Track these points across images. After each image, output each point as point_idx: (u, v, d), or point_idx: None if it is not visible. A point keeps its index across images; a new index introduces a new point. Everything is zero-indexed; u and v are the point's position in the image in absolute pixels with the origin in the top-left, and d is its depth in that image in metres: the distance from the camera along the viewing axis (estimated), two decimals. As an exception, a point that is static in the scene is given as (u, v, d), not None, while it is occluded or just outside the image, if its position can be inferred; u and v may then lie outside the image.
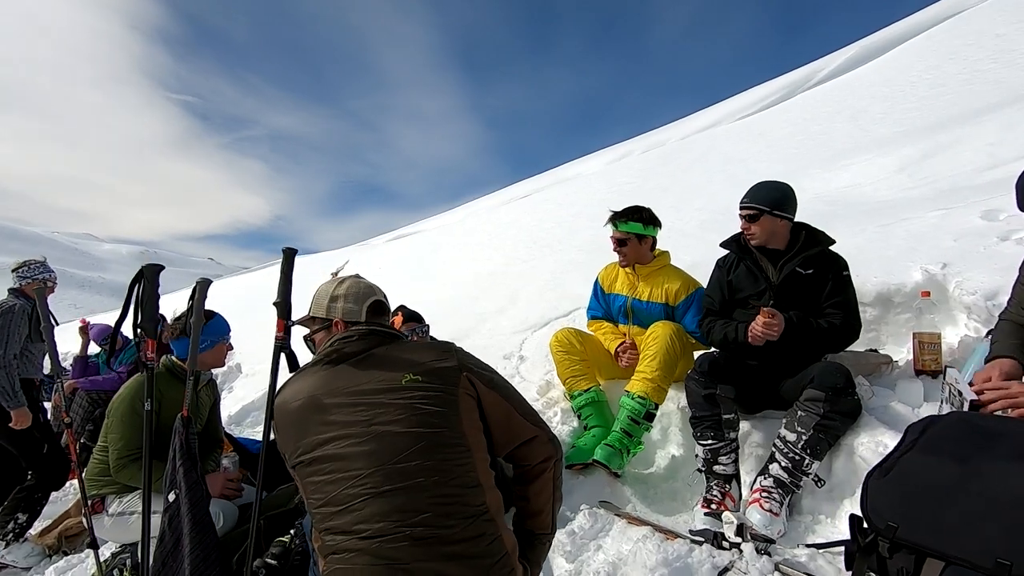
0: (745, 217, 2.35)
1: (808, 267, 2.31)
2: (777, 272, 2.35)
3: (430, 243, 13.01)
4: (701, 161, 9.76)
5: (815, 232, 2.43)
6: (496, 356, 4.36)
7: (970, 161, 4.97)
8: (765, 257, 2.40)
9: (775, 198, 2.34)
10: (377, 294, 1.56)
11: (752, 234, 2.35)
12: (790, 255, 2.34)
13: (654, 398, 2.51)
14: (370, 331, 1.42)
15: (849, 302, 2.30)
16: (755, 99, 15.02)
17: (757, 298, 2.37)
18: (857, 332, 2.30)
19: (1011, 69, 7.75)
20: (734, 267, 2.50)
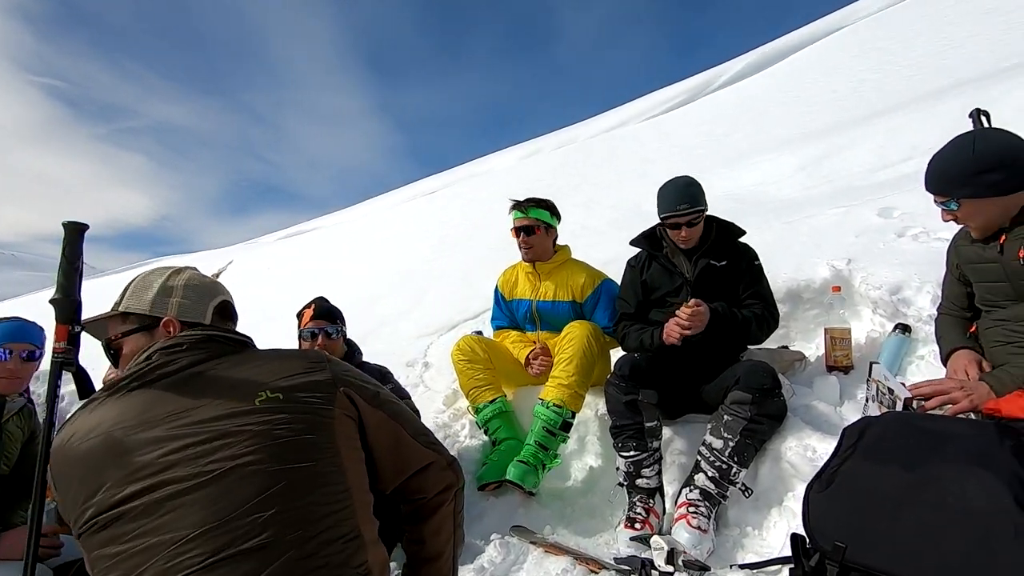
0: (687, 224, 2.26)
1: (721, 259, 2.32)
2: (692, 266, 2.33)
3: (328, 241, 12.30)
4: (611, 159, 10.01)
5: (725, 224, 2.45)
6: (398, 363, 4.05)
7: (863, 162, 5.40)
8: (678, 251, 2.38)
9: (703, 194, 2.34)
10: (224, 294, 1.25)
11: (690, 239, 2.30)
12: (703, 248, 2.34)
13: (571, 406, 2.36)
14: (207, 338, 1.10)
15: (765, 291, 2.35)
16: (660, 101, 15.79)
17: (675, 295, 2.34)
18: (777, 320, 2.34)
19: (892, 79, 8.66)
20: (647, 266, 2.47)
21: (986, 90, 6.04)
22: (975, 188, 1.56)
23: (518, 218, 2.85)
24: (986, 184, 1.54)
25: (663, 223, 2.36)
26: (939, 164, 1.65)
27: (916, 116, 6.09)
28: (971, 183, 1.56)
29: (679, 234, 2.27)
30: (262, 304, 8.10)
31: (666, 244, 2.43)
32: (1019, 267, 1.57)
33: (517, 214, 2.86)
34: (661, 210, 2.31)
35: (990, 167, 1.53)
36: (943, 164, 1.63)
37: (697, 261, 2.33)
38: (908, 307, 2.73)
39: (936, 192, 1.67)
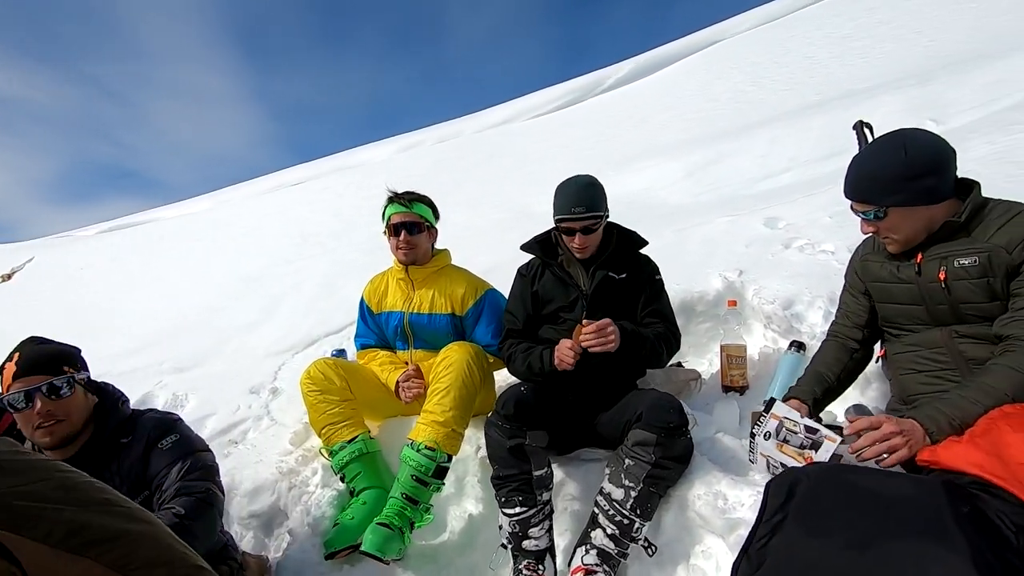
0: (582, 230, 2.07)
1: (621, 271, 2.19)
2: (589, 278, 2.17)
3: (164, 236, 10.88)
4: (497, 157, 9.90)
5: (627, 233, 2.32)
6: (240, 389, 3.51)
7: (746, 171, 5.72)
8: (575, 261, 2.20)
9: (604, 196, 2.17)
10: None
11: (587, 247, 2.11)
12: (602, 258, 2.19)
13: (446, 447, 2.07)
14: None
15: (667, 308, 2.24)
16: (547, 99, 16.09)
17: (569, 310, 2.16)
18: (679, 341, 2.22)
19: (766, 92, 9.45)
20: (539, 275, 2.27)
21: (849, 108, 6.68)
22: (908, 195, 1.49)
23: (398, 212, 2.52)
24: (920, 190, 1.48)
25: (557, 227, 2.16)
26: (866, 168, 1.57)
27: (792, 129, 6.60)
28: (904, 189, 1.48)
29: (573, 241, 2.09)
30: (66, 316, 6.88)
31: (562, 252, 2.25)
32: (939, 289, 1.52)
33: (397, 207, 2.53)
34: (555, 212, 2.12)
35: (924, 172, 1.47)
36: (870, 168, 1.55)
37: (595, 273, 2.17)
38: (801, 323, 2.77)
39: (861, 199, 1.59)
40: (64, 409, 1.61)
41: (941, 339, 1.57)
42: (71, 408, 1.63)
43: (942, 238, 1.53)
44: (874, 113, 5.90)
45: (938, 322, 1.59)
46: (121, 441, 1.70)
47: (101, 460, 1.66)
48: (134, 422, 1.76)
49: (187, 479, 1.66)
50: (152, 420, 1.78)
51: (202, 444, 1.84)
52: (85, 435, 1.68)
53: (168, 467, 1.67)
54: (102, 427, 1.70)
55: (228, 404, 3.31)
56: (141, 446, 1.70)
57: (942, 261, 1.52)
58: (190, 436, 1.81)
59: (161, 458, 1.68)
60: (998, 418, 1.16)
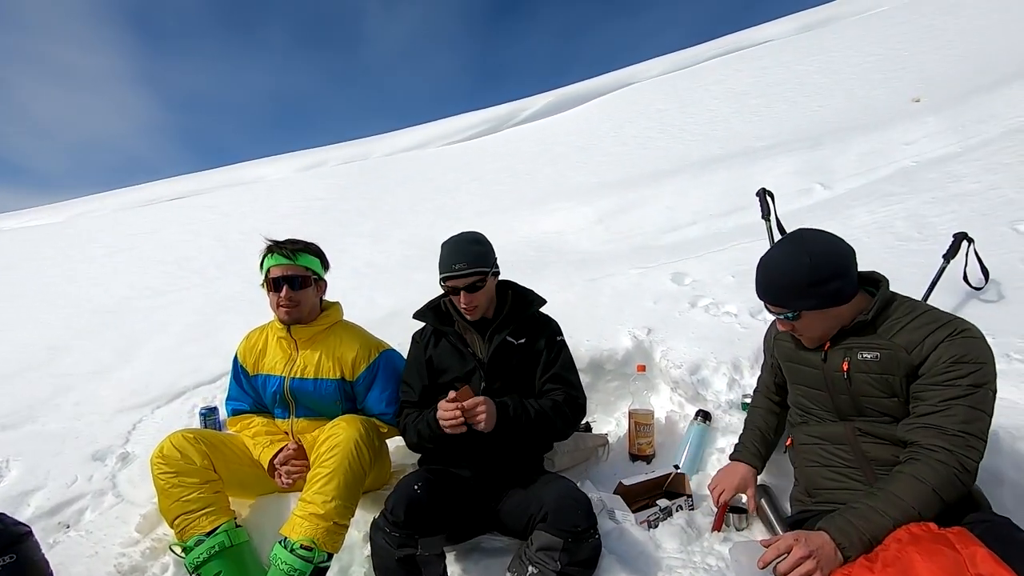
0: (467, 288, 2.04)
1: (520, 335, 2.15)
2: (486, 344, 2.12)
3: (0, 253, 9.61)
4: (406, 184, 9.73)
5: (522, 292, 2.30)
6: (80, 454, 3.06)
7: (654, 222, 5.94)
8: (470, 327, 2.15)
9: (489, 252, 2.16)
10: None
11: (475, 307, 2.09)
12: (498, 322, 2.15)
13: (326, 546, 1.87)
14: None
15: (569, 372, 2.20)
16: (461, 127, 16.19)
17: (465, 380, 2.08)
18: (583, 408, 2.19)
19: (673, 141, 10.00)
20: (433, 343, 2.20)
21: (748, 165, 7.18)
22: (817, 300, 1.58)
23: (278, 264, 2.31)
24: (827, 294, 1.57)
25: (443, 288, 2.14)
26: (774, 275, 1.65)
27: (697, 181, 6.97)
28: (812, 295, 1.57)
29: (459, 300, 2.06)
30: None
31: (456, 317, 2.19)
32: (841, 379, 1.60)
33: (277, 258, 2.32)
34: (440, 271, 2.11)
35: (829, 277, 1.56)
36: (779, 275, 1.63)
37: (492, 338, 2.12)
38: (706, 389, 2.85)
39: (774, 303, 1.67)
40: None
41: (845, 435, 1.64)
42: None
43: (851, 332, 1.62)
44: (769, 173, 6.38)
45: (841, 414, 1.67)
46: None
47: None
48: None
49: None
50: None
51: (46, 569, 1.52)
52: None
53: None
54: None
55: (62, 475, 2.86)
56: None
57: (847, 352, 1.62)
58: (29, 560, 1.49)
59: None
60: (907, 543, 1.19)
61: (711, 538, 1.90)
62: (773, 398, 2.09)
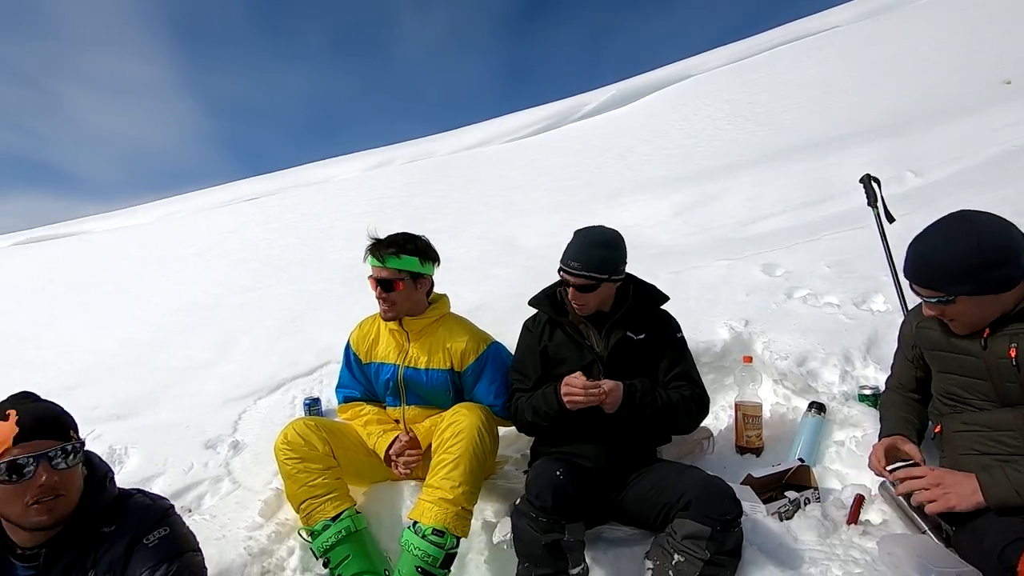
0: (578, 287, 2.03)
1: (640, 331, 2.11)
2: (603, 339, 2.10)
3: (95, 253, 10.27)
4: (475, 182, 9.83)
5: (645, 287, 2.27)
6: (193, 443, 3.22)
7: (734, 214, 5.79)
8: (586, 319, 2.13)
9: (613, 259, 2.11)
10: None
11: (583, 305, 2.07)
12: (617, 316, 2.12)
13: (456, 530, 1.91)
14: None
15: (692, 369, 2.19)
16: (522, 124, 16.22)
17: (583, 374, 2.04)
18: (707, 407, 2.17)
19: (744, 132, 9.73)
20: (548, 333, 2.18)
21: (829, 154, 6.91)
22: (979, 285, 1.50)
23: (373, 266, 2.36)
24: (992, 281, 1.49)
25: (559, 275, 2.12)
26: (934, 257, 1.57)
27: (776, 172, 6.77)
28: (975, 280, 1.49)
29: (575, 298, 2.06)
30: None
31: (571, 310, 2.17)
32: (1009, 367, 1.51)
33: (372, 260, 2.37)
34: (561, 258, 2.10)
35: (998, 262, 1.48)
36: (940, 257, 1.55)
37: (610, 333, 2.09)
38: (816, 380, 2.75)
39: (928, 287, 1.59)
40: (66, 482, 1.40)
41: (1014, 421, 1.54)
42: (73, 482, 1.42)
43: (1014, 318, 1.53)
44: (854, 161, 6.11)
45: (1007, 402, 1.57)
46: (103, 530, 1.46)
47: (81, 549, 1.43)
48: (120, 506, 1.52)
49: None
50: (140, 508, 1.55)
51: (192, 543, 1.61)
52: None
53: (149, 570, 1.45)
54: (87, 508, 1.46)
55: (179, 462, 3.01)
56: (125, 541, 1.46)
57: (1012, 338, 1.52)
58: (180, 532, 1.58)
59: (145, 558, 1.45)
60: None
61: (849, 531, 1.83)
62: (910, 394, 1.96)
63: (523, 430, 2.21)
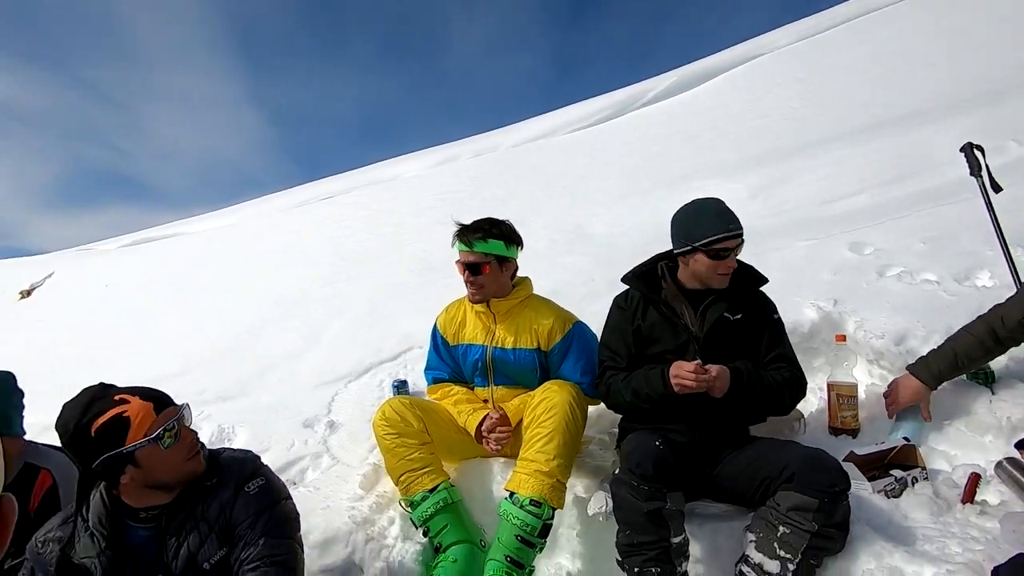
0: (734, 249, 1.99)
1: (737, 311, 2.05)
2: (698, 319, 2.04)
3: (190, 252, 10.96)
4: (538, 172, 9.83)
5: (743, 266, 2.18)
6: (292, 422, 3.40)
7: (812, 193, 5.54)
8: (683, 298, 2.07)
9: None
10: None
11: (730, 271, 2.03)
12: (715, 295, 2.05)
13: (553, 502, 1.94)
14: None
15: (790, 351, 2.11)
16: (583, 114, 16.04)
17: (677, 354, 2.01)
18: (805, 389, 2.09)
19: (818, 110, 9.26)
20: (642, 311, 2.12)
21: (913, 129, 6.50)
22: None
23: (462, 251, 2.42)
24: None
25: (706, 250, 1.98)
26: None
27: (855, 149, 6.42)
28: None
29: (721, 266, 1.98)
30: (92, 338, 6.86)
31: (665, 286, 2.11)
32: None
33: (459, 245, 2.43)
34: (703, 233, 1.96)
35: None
36: None
37: (706, 312, 2.03)
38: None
39: None
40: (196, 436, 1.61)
41: None
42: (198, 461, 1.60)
43: None
44: (946, 134, 5.71)
45: None
46: (206, 484, 1.60)
47: (191, 504, 1.57)
48: (215, 463, 1.66)
49: (271, 536, 1.56)
50: (236, 460, 1.69)
51: (285, 491, 1.74)
52: None
53: (254, 517, 1.57)
54: None
55: (282, 440, 3.19)
56: (230, 489, 1.60)
57: None
58: (274, 481, 1.71)
59: (248, 504, 1.59)
60: None
61: (964, 510, 1.73)
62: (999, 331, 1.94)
63: (616, 408, 2.18)
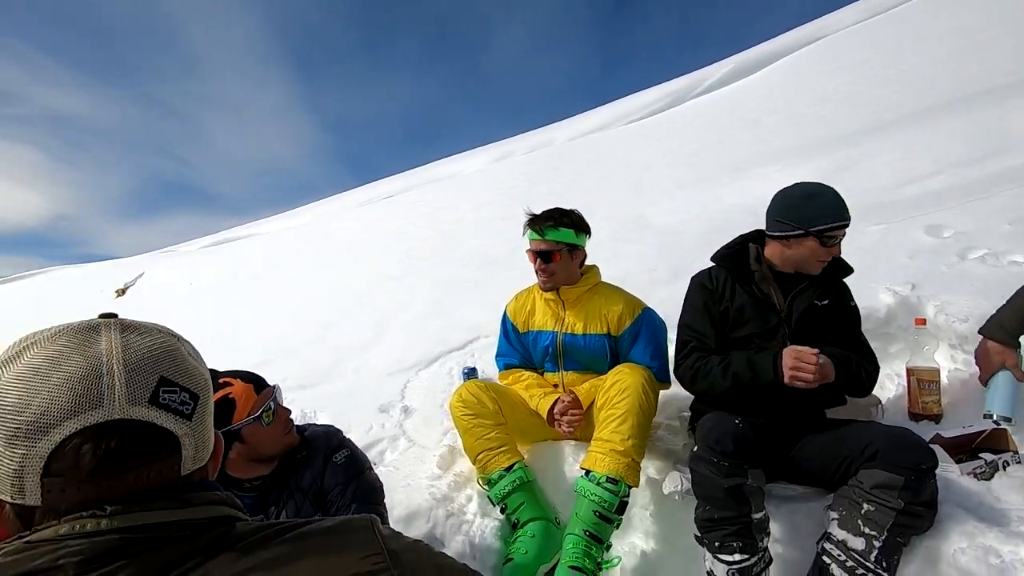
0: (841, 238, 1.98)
1: (824, 298, 2.02)
2: (787, 303, 2.00)
3: (265, 251, 11.49)
4: (596, 165, 9.78)
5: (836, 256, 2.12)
6: (369, 407, 3.55)
7: (882, 176, 5.29)
8: (774, 283, 2.02)
9: None
10: (184, 360, 0.63)
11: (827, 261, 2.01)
12: (806, 280, 2.01)
13: (629, 480, 1.96)
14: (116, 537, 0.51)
15: (865, 339, 2.08)
16: (638, 106, 15.82)
17: (765, 338, 1.97)
18: (878, 374, 2.04)
19: (886, 91, 8.81)
20: (730, 292, 2.06)
21: (1001, 103, 6.11)
22: None
23: (533, 240, 2.46)
24: None
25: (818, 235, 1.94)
26: None
27: (927, 130, 6.12)
28: None
29: (827, 253, 1.96)
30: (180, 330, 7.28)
31: (757, 268, 2.06)
32: None
33: (531, 234, 2.47)
34: (816, 219, 1.93)
35: None
36: None
37: (796, 297, 1.99)
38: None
39: None
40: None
41: None
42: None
43: None
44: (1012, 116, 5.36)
45: None
46: (297, 456, 1.72)
47: (287, 475, 1.69)
48: (303, 437, 1.78)
49: (361, 503, 1.66)
50: (321, 435, 1.82)
51: (368, 462, 1.85)
52: None
53: (343, 485, 1.69)
54: None
55: (360, 423, 3.34)
56: (319, 460, 1.72)
57: None
58: (358, 452, 1.83)
59: (336, 473, 1.71)
60: None
61: None
62: None
63: (705, 393, 2.03)
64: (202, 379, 0.63)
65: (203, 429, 0.62)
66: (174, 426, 0.58)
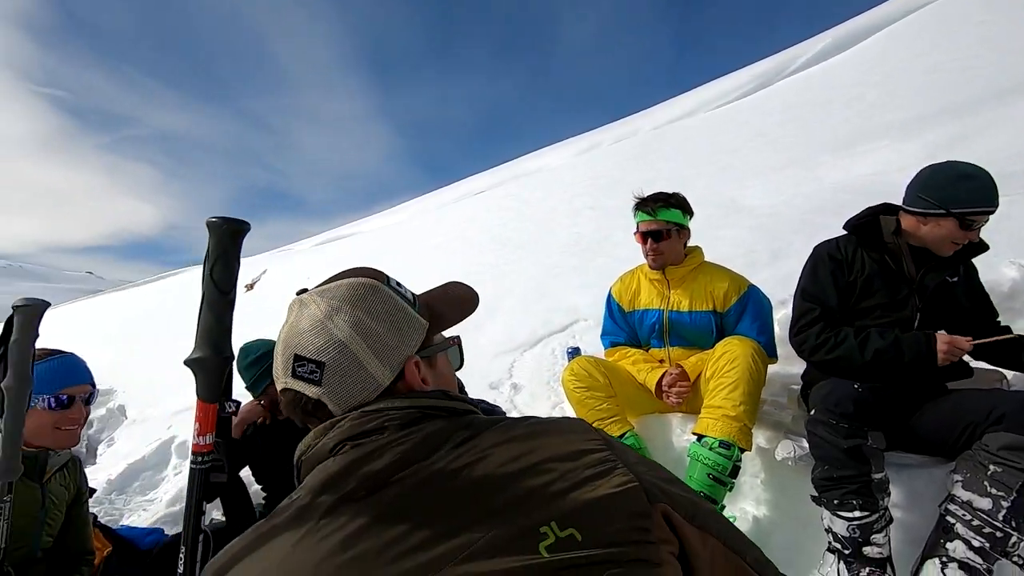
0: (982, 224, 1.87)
1: (955, 274, 1.97)
2: (918, 276, 1.94)
3: (370, 247, 12.17)
4: (683, 151, 9.57)
5: None
6: (481, 384, 3.78)
7: (1007, 146, 4.88)
8: (909, 256, 1.96)
9: None
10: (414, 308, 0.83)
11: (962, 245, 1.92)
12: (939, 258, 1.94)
13: (742, 443, 2.02)
14: (414, 410, 0.72)
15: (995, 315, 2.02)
16: (727, 88, 15.19)
17: (894, 309, 1.93)
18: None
19: (1008, 55, 8.01)
20: (860, 263, 2.00)
21: None
22: None
23: (644, 221, 2.54)
24: None
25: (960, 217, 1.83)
26: None
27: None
28: None
29: (965, 237, 1.86)
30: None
31: (891, 240, 1.98)
32: None
33: (642, 215, 2.54)
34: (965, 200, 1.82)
35: None
36: None
37: (928, 272, 1.93)
38: None
39: None
40: None
41: None
42: None
43: None
44: None
45: None
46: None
47: None
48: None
49: None
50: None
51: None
52: None
53: None
54: None
55: (475, 397, 3.57)
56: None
57: None
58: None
59: None
60: None
61: None
62: None
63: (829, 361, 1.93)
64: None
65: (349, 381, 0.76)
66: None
